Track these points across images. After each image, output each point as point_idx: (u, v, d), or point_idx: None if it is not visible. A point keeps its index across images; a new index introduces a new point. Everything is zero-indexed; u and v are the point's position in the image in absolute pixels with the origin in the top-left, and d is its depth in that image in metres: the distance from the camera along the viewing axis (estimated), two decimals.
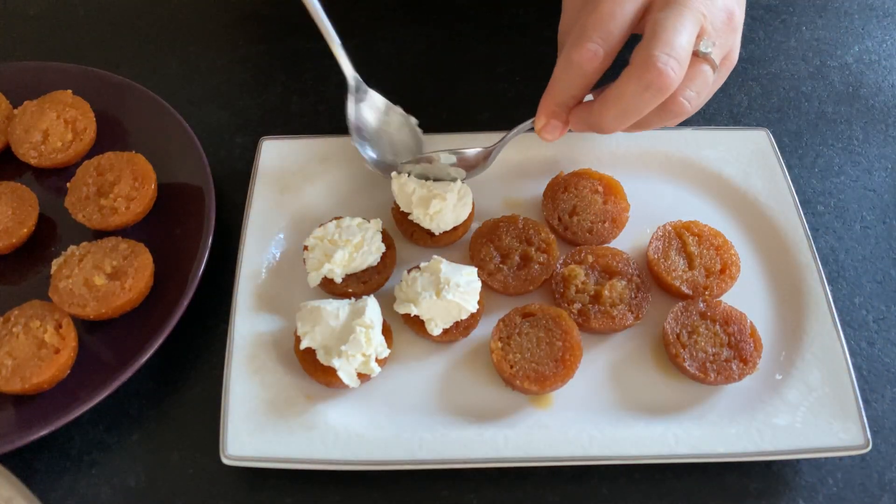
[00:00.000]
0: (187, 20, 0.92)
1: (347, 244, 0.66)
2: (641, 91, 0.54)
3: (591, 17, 0.55)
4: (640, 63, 0.53)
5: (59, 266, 0.67)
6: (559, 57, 0.58)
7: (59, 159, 0.75)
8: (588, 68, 0.56)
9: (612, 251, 0.69)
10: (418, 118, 0.83)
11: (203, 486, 0.61)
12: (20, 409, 0.62)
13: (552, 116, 0.61)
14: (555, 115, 0.60)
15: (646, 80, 0.53)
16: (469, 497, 0.61)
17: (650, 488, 0.61)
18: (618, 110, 0.56)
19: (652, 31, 0.54)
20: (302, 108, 0.84)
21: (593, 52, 0.55)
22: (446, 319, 0.65)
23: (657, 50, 0.53)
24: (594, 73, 0.56)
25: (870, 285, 0.72)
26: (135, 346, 0.63)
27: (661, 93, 0.54)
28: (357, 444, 0.60)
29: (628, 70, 0.55)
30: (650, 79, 0.53)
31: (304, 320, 0.63)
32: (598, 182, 0.73)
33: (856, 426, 0.60)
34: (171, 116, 0.77)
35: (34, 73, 0.81)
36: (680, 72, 0.53)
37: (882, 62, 0.88)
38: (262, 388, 0.63)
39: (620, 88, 0.55)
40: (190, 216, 0.71)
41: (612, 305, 0.66)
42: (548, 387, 0.61)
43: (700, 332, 0.64)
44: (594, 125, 0.59)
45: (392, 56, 0.89)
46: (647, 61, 0.53)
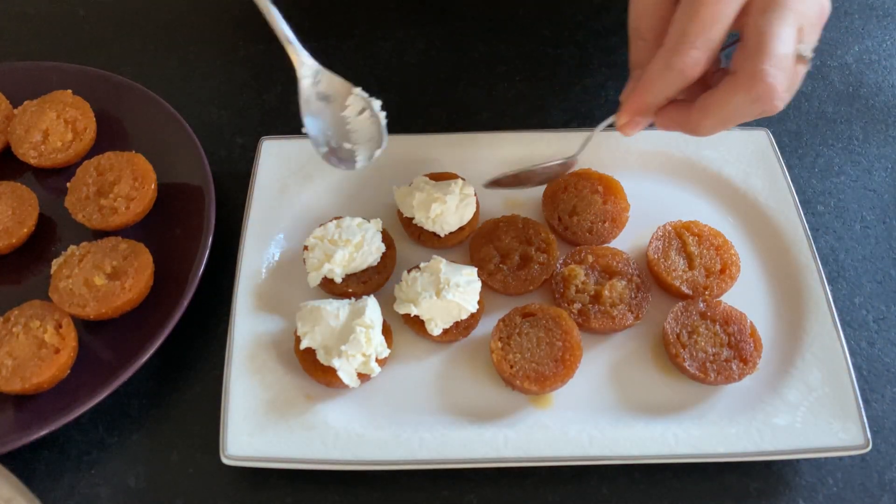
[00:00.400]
0: (187, 20, 0.92)
1: (347, 244, 0.66)
2: (748, 103, 0.53)
3: (694, 22, 0.53)
4: (747, 76, 0.52)
5: (59, 266, 0.67)
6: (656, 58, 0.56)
7: (59, 159, 0.75)
8: (690, 75, 0.55)
9: (612, 251, 0.69)
10: (418, 118, 0.83)
11: (203, 486, 0.61)
12: (20, 409, 0.62)
13: (638, 115, 0.59)
14: (641, 113, 0.59)
15: (754, 94, 0.52)
16: (469, 497, 0.61)
17: (650, 488, 0.61)
18: (718, 119, 0.55)
19: (756, 40, 0.52)
20: None
21: (696, 59, 0.54)
22: (446, 319, 0.65)
23: (766, 63, 0.51)
24: (693, 79, 0.55)
25: (870, 285, 0.72)
26: (135, 346, 0.63)
27: (767, 104, 0.53)
28: (357, 444, 0.60)
29: (733, 80, 0.53)
30: (758, 92, 0.52)
31: (304, 320, 0.63)
32: (598, 182, 0.73)
33: (856, 426, 0.60)
34: (171, 116, 0.77)
35: (34, 73, 0.81)
36: (786, 83, 0.53)
37: (882, 62, 0.88)
38: (262, 388, 0.63)
39: (725, 98, 0.54)
40: (190, 216, 0.71)
41: (612, 305, 0.66)
42: (548, 387, 0.61)
43: (700, 332, 0.64)
44: (687, 128, 0.58)
45: (392, 56, 0.89)
46: (756, 76, 0.52)
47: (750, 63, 0.52)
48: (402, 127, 0.80)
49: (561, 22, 0.91)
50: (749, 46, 0.53)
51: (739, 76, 0.53)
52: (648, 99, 0.58)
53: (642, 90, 0.57)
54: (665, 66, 0.55)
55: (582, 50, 0.89)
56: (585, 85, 0.86)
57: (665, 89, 0.56)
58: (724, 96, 0.54)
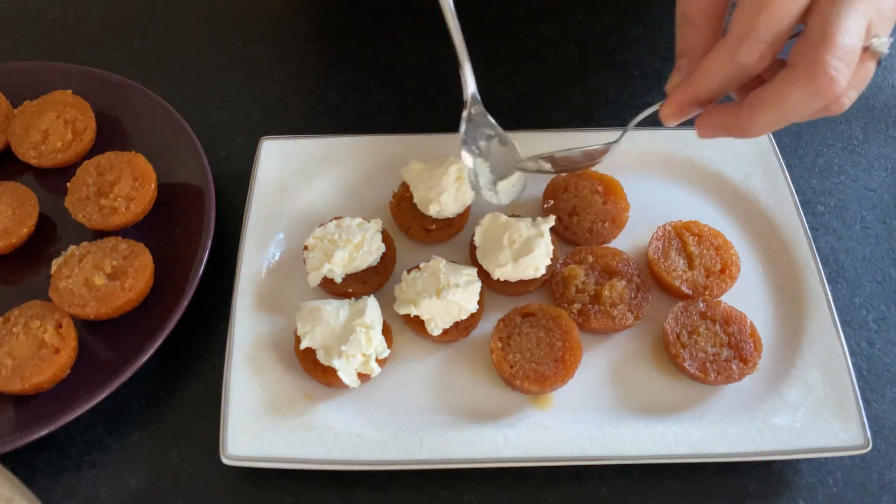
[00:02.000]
0: (187, 20, 0.92)
1: (347, 244, 0.66)
2: (808, 98, 0.49)
3: (764, 15, 0.49)
4: (807, 67, 0.48)
5: (59, 266, 0.67)
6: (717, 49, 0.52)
7: (59, 159, 0.75)
8: (754, 70, 0.51)
9: (612, 251, 0.69)
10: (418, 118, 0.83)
11: (203, 486, 0.61)
12: (20, 409, 0.62)
13: (687, 106, 0.55)
14: (689, 105, 0.55)
15: (813, 87, 0.48)
16: (469, 497, 0.61)
17: (650, 488, 0.61)
18: (775, 116, 0.51)
19: (821, 30, 0.48)
20: (302, 108, 0.84)
21: (763, 53, 0.50)
22: (446, 319, 0.65)
23: (828, 54, 0.48)
24: (754, 73, 0.52)
25: (870, 285, 0.72)
26: (135, 346, 0.63)
27: (828, 99, 0.49)
28: (357, 444, 0.60)
29: (790, 73, 0.49)
30: (818, 86, 0.48)
31: (304, 320, 0.63)
32: (598, 182, 0.73)
33: (856, 426, 0.60)
34: (171, 116, 0.77)
35: (34, 73, 0.81)
36: (849, 75, 0.49)
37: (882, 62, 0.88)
38: (262, 388, 0.63)
39: (781, 93, 0.50)
40: (190, 216, 0.71)
41: (612, 305, 0.66)
42: (548, 387, 0.61)
43: (700, 332, 0.64)
44: (738, 129, 0.53)
45: (392, 56, 0.89)
46: (817, 67, 0.48)
47: (810, 53, 0.48)
48: (402, 127, 0.81)
49: (561, 22, 0.91)
50: (811, 36, 0.49)
51: (798, 68, 0.49)
52: (703, 92, 0.54)
53: (698, 82, 0.53)
54: (728, 58, 0.51)
55: (582, 50, 0.89)
56: (585, 85, 0.86)
57: (724, 84, 0.53)
58: (780, 90, 0.50)
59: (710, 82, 0.53)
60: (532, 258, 0.66)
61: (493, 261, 0.66)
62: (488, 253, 0.67)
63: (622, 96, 0.85)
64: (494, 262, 0.66)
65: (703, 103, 0.55)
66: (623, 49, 0.89)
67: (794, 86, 0.49)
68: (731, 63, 0.51)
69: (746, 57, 0.50)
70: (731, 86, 0.53)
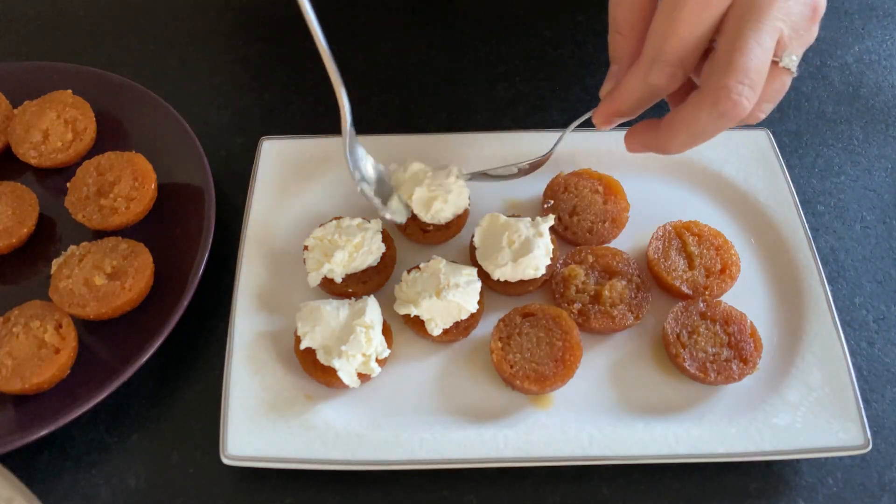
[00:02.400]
0: (187, 20, 0.92)
1: (347, 244, 0.66)
2: (714, 119, 0.51)
3: (671, 37, 0.51)
4: (713, 91, 0.50)
5: (59, 266, 0.67)
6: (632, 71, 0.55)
7: (59, 159, 0.75)
8: (665, 91, 0.54)
9: (612, 251, 0.69)
10: (418, 118, 0.83)
11: (203, 486, 0.61)
12: (20, 409, 0.62)
13: (612, 116, 0.59)
14: (612, 120, 0.59)
15: (719, 110, 0.50)
16: (469, 497, 0.61)
17: (650, 488, 0.61)
18: (687, 136, 0.54)
19: (726, 53, 0.50)
20: (302, 108, 0.84)
21: (671, 75, 0.53)
22: (446, 319, 0.65)
23: (731, 78, 0.49)
24: (667, 92, 0.55)
25: (870, 285, 0.72)
26: (135, 346, 0.63)
27: (735, 120, 0.51)
28: (357, 444, 0.60)
29: (699, 96, 0.51)
30: (724, 109, 0.50)
31: (304, 320, 0.63)
32: (598, 182, 0.73)
33: (856, 426, 0.60)
34: (171, 116, 0.77)
35: (34, 73, 0.81)
36: (755, 97, 0.50)
37: (882, 62, 0.88)
38: (262, 388, 0.63)
39: (691, 114, 0.52)
40: (190, 216, 0.71)
41: (612, 305, 0.66)
42: (548, 387, 0.61)
43: (700, 332, 0.64)
44: (658, 148, 0.57)
45: (392, 56, 0.89)
46: (721, 91, 0.50)
47: (715, 77, 0.50)
48: (402, 127, 0.81)
49: (561, 22, 0.91)
50: (717, 59, 0.51)
51: (704, 91, 0.51)
52: (622, 108, 0.57)
53: (618, 98, 0.57)
54: (642, 81, 0.54)
55: (582, 50, 0.89)
56: (585, 85, 0.86)
57: (641, 100, 0.56)
58: (689, 113, 0.52)
59: (629, 99, 0.56)
60: (532, 258, 0.66)
61: (493, 261, 0.66)
62: (488, 253, 0.67)
63: None
64: (494, 262, 0.66)
65: (628, 115, 0.58)
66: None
67: (701, 110, 0.51)
68: (644, 85, 0.54)
69: (656, 79, 0.53)
70: (649, 102, 0.56)
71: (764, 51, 0.50)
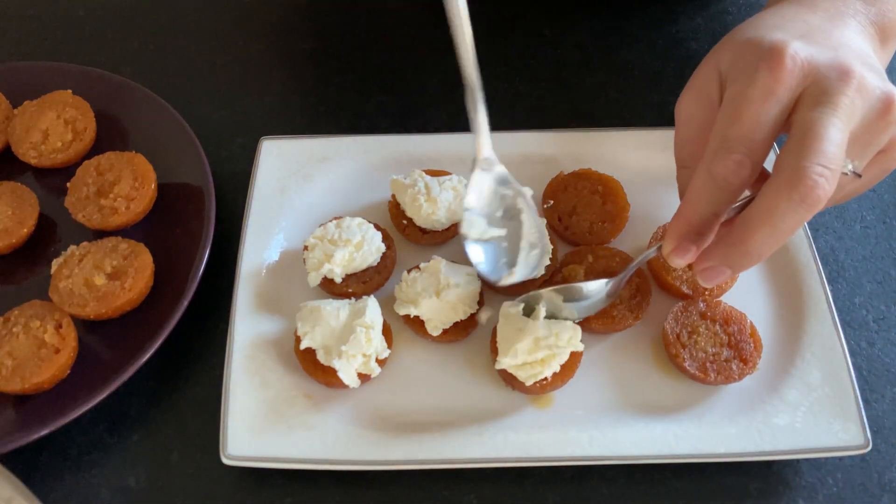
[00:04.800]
0: (187, 20, 0.92)
1: (347, 244, 0.66)
2: (794, 206, 0.47)
3: (735, 127, 0.49)
4: (789, 175, 0.46)
5: (59, 266, 0.67)
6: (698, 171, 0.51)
7: (59, 159, 0.75)
8: (734, 183, 0.49)
9: (612, 251, 0.69)
10: (418, 118, 0.83)
11: (203, 486, 0.61)
12: (20, 409, 0.62)
13: (685, 240, 0.53)
14: (688, 238, 0.53)
15: (799, 195, 0.46)
16: (469, 497, 0.61)
17: (650, 488, 0.61)
18: (766, 231, 0.48)
19: (800, 139, 0.47)
20: (302, 108, 0.84)
21: (739, 164, 0.49)
22: (446, 319, 0.65)
23: (808, 160, 0.46)
24: (739, 189, 0.50)
25: (870, 285, 0.72)
26: (135, 346, 0.63)
27: (816, 207, 0.47)
28: (357, 444, 0.60)
29: (774, 183, 0.47)
30: (803, 193, 0.46)
31: (304, 320, 0.63)
32: (597, 182, 0.73)
33: (856, 426, 0.60)
34: (171, 116, 0.77)
35: (34, 73, 0.81)
36: (834, 181, 0.47)
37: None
38: (262, 388, 0.63)
39: (767, 205, 0.47)
40: (190, 216, 0.71)
41: (612, 305, 0.66)
42: (548, 387, 0.61)
43: (700, 332, 0.64)
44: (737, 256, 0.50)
45: (392, 56, 0.89)
46: (799, 172, 0.46)
47: (792, 160, 0.47)
48: (402, 127, 0.81)
49: (561, 22, 0.91)
50: (791, 145, 0.47)
51: (779, 177, 0.47)
52: (694, 219, 0.52)
53: (683, 211, 0.52)
54: (707, 177, 0.50)
55: (582, 50, 0.89)
56: (585, 85, 0.86)
57: (711, 204, 0.51)
58: (765, 204, 0.48)
59: (697, 205, 0.51)
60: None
61: None
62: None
63: (622, 96, 0.85)
64: None
65: (700, 231, 0.52)
66: (623, 49, 0.89)
67: (779, 198, 0.47)
68: (711, 179, 0.50)
69: (721, 169, 0.49)
70: (718, 205, 0.51)
71: (840, 137, 0.47)
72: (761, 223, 0.48)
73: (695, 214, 0.52)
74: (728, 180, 0.49)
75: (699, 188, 0.51)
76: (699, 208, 0.51)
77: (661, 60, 0.87)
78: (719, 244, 0.51)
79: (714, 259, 0.52)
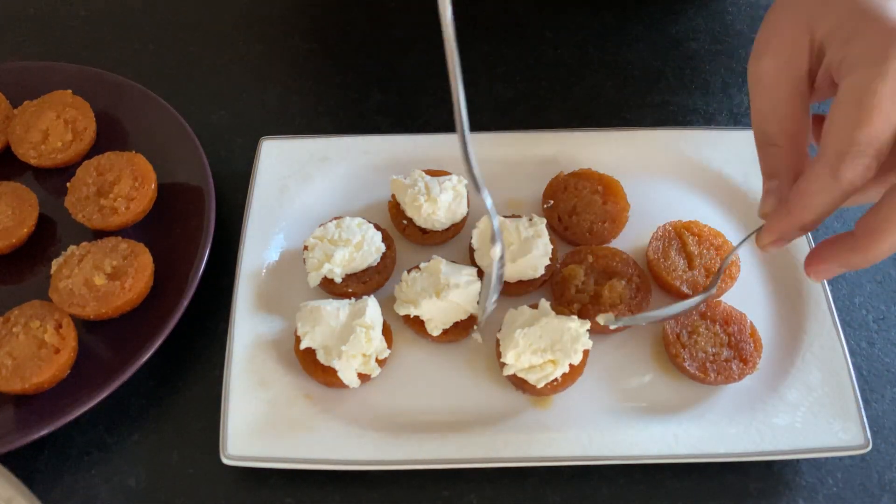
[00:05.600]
0: (187, 20, 0.92)
1: (347, 244, 0.66)
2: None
3: (865, 129, 0.45)
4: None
5: (59, 266, 0.67)
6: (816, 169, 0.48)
7: (59, 159, 0.75)
8: (858, 186, 0.47)
9: (612, 251, 0.69)
10: (418, 118, 0.83)
11: (203, 486, 0.61)
12: (20, 409, 0.62)
13: (788, 234, 0.51)
14: (790, 234, 0.51)
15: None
16: (469, 497, 0.61)
17: (650, 488, 0.61)
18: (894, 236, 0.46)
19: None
20: (302, 108, 0.84)
21: (867, 167, 0.46)
22: (446, 320, 0.65)
23: None
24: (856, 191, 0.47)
25: (870, 285, 0.72)
26: (135, 346, 0.63)
27: None
28: (357, 444, 0.60)
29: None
30: None
31: (304, 320, 0.63)
32: (598, 182, 0.73)
33: (856, 426, 0.60)
34: (171, 116, 0.77)
35: (34, 73, 0.81)
36: None
37: None
38: (262, 388, 0.63)
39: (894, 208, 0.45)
40: (190, 216, 0.71)
41: (612, 305, 0.66)
42: (559, 387, 0.61)
43: (700, 332, 0.64)
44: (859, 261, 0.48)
45: (392, 56, 0.89)
46: None
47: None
48: (402, 127, 0.81)
49: (561, 22, 0.91)
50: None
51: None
52: (807, 217, 0.49)
53: (799, 207, 0.49)
54: (830, 178, 0.47)
55: (582, 50, 0.89)
56: (585, 85, 0.86)
57: (828, 205, 0.48)
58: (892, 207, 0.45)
59: (813, 206, 0.48)
60: (530, 259, 0.66)
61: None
62: (486, 254, 0.67)
63: (622, 96, 0.85)
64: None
65: (807, 229, 0.51)
66: (623, 49, 0.89)
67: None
68: (835, 183, 0.47)
69: (850, 174, 0.46)
70: (834, 206, 0.48)
71: None
72: (891, 231, 0.46)
73: (809, 216, 0.49)
74: (854, 184, 0.47)
75: (818, 190, 0.48)
76: (815, 210, 0.48)
77: (661, 60, 0.87)
78: (840, 248, 0.49)
79: (833, 262, 0.50)
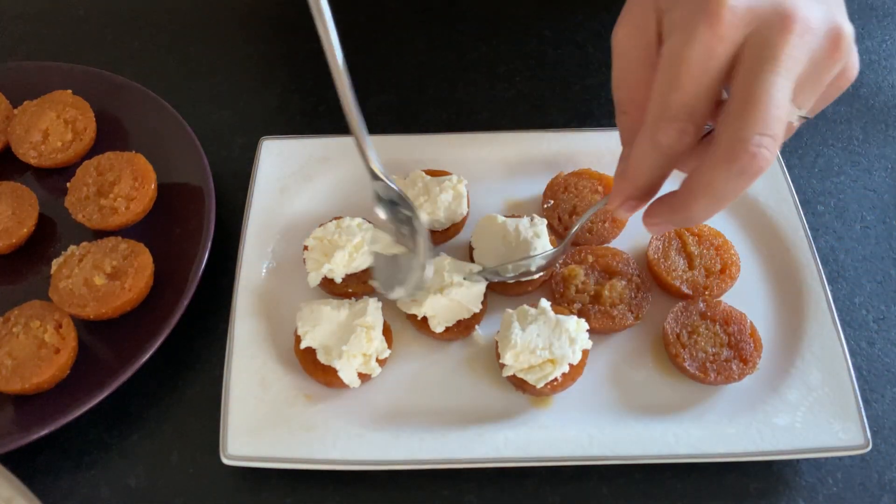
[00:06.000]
0: (187, 20, 0.92)
1: (347, 244, 0.66)
2: (734, 178, 0.46)
3: (676, 93, 0.46)
4: (728, 147, 0.45)
5: (59, 266, 0.67)
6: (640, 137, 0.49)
7: (59, 159, 0.75)
8: (678, 149, 0.48)
9: (612, 251, 0.69)
10: (418, 118, 0.83)
11: (203, 486, 0.61)
12: (20, 409, 0.62)
13: (629, 199, 0.53)
14: (632, 197, 0.53)
15: (738, 167, 0.45)
16: (469, 497, 0.61)
17: (650, 488, 0.61)
18: (708, 200, 0.48)
19: (741, 103, 0.45)
20: (302, 108, 0.84)
21: (681, 130, 0.47)
22: (449, 318, 0.65)
23: (748, 130, 0.44)
24: (682, 153, 0.49)
25: (870, 285, 0.72)
26: (135, 346, 0.63)
27: (756, 176, 0.46)
28: (357, 444, 0.60)
29: (715, 154, 0.46)
30: (743, 165, 0.45)
31: (304, 320, 0.63)
32: (598, 182, 0.73)
33: (856, 426, 0.60)
34: (171, 116, 0.77)
35: (34, 73, 0.81)
36: (776, 148, 0.45)
37: (882, 62, 0.88)
38: (262, 388, 0.63)
39: (708, 175, 0.47)
40: (190, 216, 0.71)
41: (612, 305, 0.66)
42: (559, 387, 0.61)
43: (700, 332, 0.64)
44: (680, 220, 0.51)
45: (392, 56, 0.89)
46: (738, 146, 0.44)
47: (730, 131, 0.45)
48: (402, 127, 0.81)
49: (561, 22, 0.91)
50: (731, 110, 0.45)
51: (719, 148, 0.46)
52: (638, 182, 0.51)
53: (627, 172, 0.52)
54: (651, 144, 0.49)
55: (582, 50, 0.89)
56: (585, 85, 0.86)
57: (656, 168, 0.50)
58: (706, 174, 0.47)
59: (642, 170, 0.51)
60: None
61: (491, 262, 0.66)
62: (486, 254, 0.67)
63: None
64: (492, 263, 0.66)
65: (647, 191, 0.52)
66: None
67: (719, 167, 0.46)
68: (653, 147, 0.49)
69: (665, 138, 0.47)
70: (665, 168, 0.50)
71: (783, 96, 0.45)
72: (703, 192, 0.48)
73: (640, 178, 0.51)
74: (672, 147, 0.48)
75: (643, 154, 0.50)
76: (644, 173, 0.51)
77: None
78: (664, 206, 0.52)
79: (659, 218, 0.52)
